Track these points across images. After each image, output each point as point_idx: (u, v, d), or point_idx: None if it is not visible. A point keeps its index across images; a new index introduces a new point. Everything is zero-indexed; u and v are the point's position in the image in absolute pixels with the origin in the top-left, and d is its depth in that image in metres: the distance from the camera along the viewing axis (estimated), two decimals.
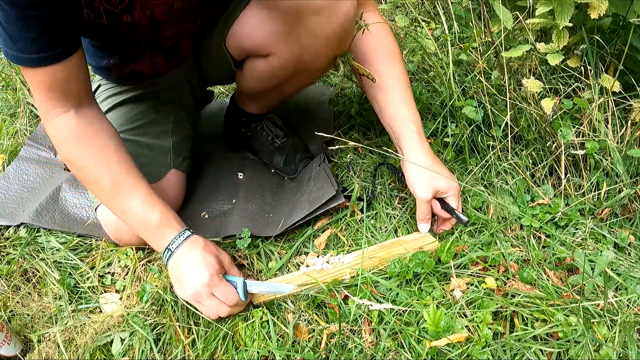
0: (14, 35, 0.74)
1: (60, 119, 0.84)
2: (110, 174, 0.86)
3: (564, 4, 0.96)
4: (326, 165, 1.12)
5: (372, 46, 1.00)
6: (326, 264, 0.91)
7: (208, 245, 0.87)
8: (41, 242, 1.07)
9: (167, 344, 0.87)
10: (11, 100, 1.67)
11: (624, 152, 0.99)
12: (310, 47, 0.91)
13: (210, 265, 0.83)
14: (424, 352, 0.76)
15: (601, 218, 0.97)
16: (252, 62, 1.03)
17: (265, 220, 1.06)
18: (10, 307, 0.94)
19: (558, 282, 0.87)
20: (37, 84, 0.81)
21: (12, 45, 0.75)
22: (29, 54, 0.76)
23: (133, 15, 0.87)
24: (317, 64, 0.97)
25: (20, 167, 1.33)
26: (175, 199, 1.07)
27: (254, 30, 0.96)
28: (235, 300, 0.83)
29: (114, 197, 0.88)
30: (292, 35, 0.90)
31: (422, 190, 0.93)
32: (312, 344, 0.82)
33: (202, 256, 0.84)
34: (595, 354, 0.74)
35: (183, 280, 0.84)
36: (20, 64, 0.78)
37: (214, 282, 0.82)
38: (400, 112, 0.99)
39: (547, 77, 1.13)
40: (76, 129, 0.85)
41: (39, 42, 0.75)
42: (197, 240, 0.87)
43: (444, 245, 0.90)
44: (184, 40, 1.05)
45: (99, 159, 0.86)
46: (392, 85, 0.99)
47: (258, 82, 1.06)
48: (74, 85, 0.82)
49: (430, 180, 0.92)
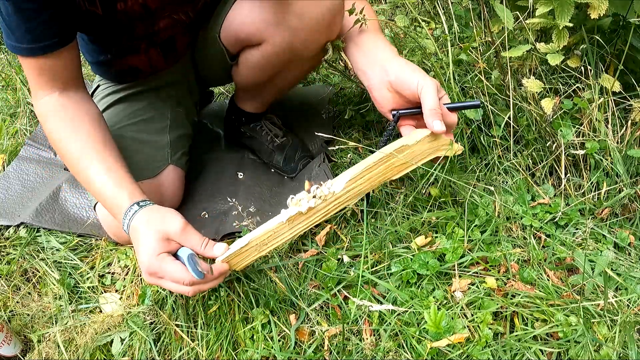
0: (12, 25, 0.80)
1: (46, 99, 0.89)
2: (77, 144, 0.87)
3: (564, 4, 0.96)
4: (326, 165, 1.12)
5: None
6: (313, 199, 0.76)
7: (149, 221, 0.78)
8: (41, 242, 1.07)
9: (167, 344, 0.87)
10: (11, 100, 1.67)
11: (624, 152, 0.99)
12: (300, 32, 0.93)
13: (147, 248, 0.75)
14: (424, 352, 0.76)
15: (601, 218, 0.97)
16: (246, 53, 1.05)
17: (264, 219, 1.06)
18: (10, 307, 0.94)
19: (558, 282, 0.87)
20: (30, 70, 0.86)
21: (11, 35, 0.81)
22: (25, 44, 0.82)
23: (126, 3, 0.90)
24: (308, 50, 0.98)
25: (21, 167, 1.33)
26: (173, 195, 1.07)
27: (246, 19, 0.99)
28: (187, 279, 0.73)
29: (78, 168, 0.88)
30: (282, 22, 0.93)
31: (427, 78, 0.79)
32: (315, 346, 0.81)
33: (140, 238, 0.77)
34: (595, 354, 0.74)
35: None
36: (17, 53, 0.84)
37: (154, 267, 0.74)
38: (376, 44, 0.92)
39: (547, 77, 1.13)
40: (56, 106, 0.89)
41: (35, 33, 0.81)
42: (139, 217, 0.79)
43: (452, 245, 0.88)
44: (179, 35, 1.06)
45: (71, 132, 0.88)
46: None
47: (253, 73, 1.08)
48: (63, 72, 0.88)
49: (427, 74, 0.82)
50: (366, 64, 0.92)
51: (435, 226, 0.98)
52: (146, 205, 0.81)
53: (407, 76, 0.83)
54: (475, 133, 1.09)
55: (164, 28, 1.01)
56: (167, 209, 0.81)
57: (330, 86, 1.53)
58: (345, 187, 0.76)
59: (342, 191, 0.77)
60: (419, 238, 0.94)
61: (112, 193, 0.83)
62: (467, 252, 0.91)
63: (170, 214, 0.79)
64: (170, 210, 0.80)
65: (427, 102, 0.80)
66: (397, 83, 0.84)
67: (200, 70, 1.22)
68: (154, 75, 1.12)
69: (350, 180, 0.76)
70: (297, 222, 0.78)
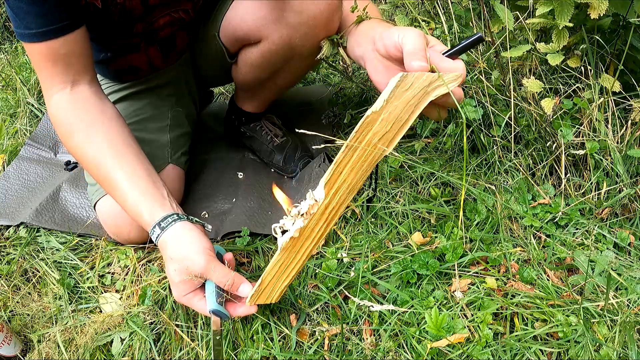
0: (21, 13, 0.79)
1: (59, 95, 0.87)
2: (93, 147, 0.86)
3: (564, 4, 0.96)
4: (326, 165, 1.12)
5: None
6: (301, 218, 0.66)
7: (173, 250, 0.78)
8: (41, 242, 1.07)
9: (167, 344, 0.87)
10: (11, 100, 1.67)
11: (624, 152, 0.99)
12: (299, 29, 0.93)
13: (174, 286, 0.79)
14: (424, 352, 0.76)
15: (601, 218, 0.97)
16: (246, 51, 1.05)
17: (264, 217, 1.06)
18: (10, 307, 0.94)
19: (558, 282, 0.87)
20: (42, 59, 0.84)
21: (19, 23, 0.80)
22: (35, 28, 0.80)
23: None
24: (307, 47, 0.98)
25: (21, 167, 1.33)
26: (173, 194, 1.07)
27: (244, 17, 0.99)
28: (207, 313, 0.76)
29: (99, 176, 0.87)
30: (280, 19, 0.93)
31: (410, 29, 0.70)
32: (315, 347, 0.81)
33: (170, 264, 0.78)
34: (595, 354, 0.74)
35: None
36: (29, 41, 0.82)
37: (183, 302, 0.79)
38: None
39: (547, 77, 1.13)
40: (70, 103, 0.87)
41: (46, 17, 0.80)
42: (167, 237, 0.79)
43: (452, 244, 0.88)
44: (179, 33, 1.06)
45: (86, 133, 0.86)
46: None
47: (252, 71, 1.08)
48: (77, 60, 0.86)
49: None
50: (359, 44, 0.86)
51: (435, 226, 0.98)
52: (173, 224, 0.80)
53: (391, 34, 0.73)
54: (475, 133, 1.09)
55: (164, 26, 1.01)
56: (190, 247, 0.78)
57: (330, 86, 1.53)
58: (327, 191, 0.65)
59: (327, 197, 0.66)
60: (415, 234, 0.94)
61: (136, 202, 0.83)
62: (466, 251, 0.91)
63: (193, 255, 0.77)
64: (193, 250, 0.77)
65: (405, 47, 0.69)
66: (383, 46, 0.75)
67: (200, 69, 1.22)
68: (154, 75, 1.12)
69: (326, 184, 0.65)
70: (300, 244, 0.71)
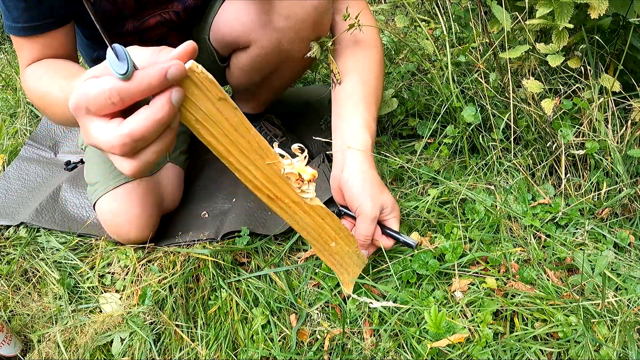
0: (10, 5, 0.80)
1: (31, 65, 0.86)
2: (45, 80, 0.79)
3: (563, 5, 0.96)
4: (325, 165, 1.12)
5: (344, 36, 0.95)
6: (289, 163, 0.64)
7: None
8: (41, 242, 1.07)
9: (167, 344, 0.87)
10: (11, 100, 1.67)
11: (624, 152, 0.99)
12: (287, 32, 0.92)
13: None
14: (424, 352, 0.76)
15: (601, 218, 0.97)
16: (236, 55, 1.04)
17: (264, 217, 1.06)
18: (10, 307, 0.94)
19: (558, 282, 0.87)
20: (23, 49, 0.85)
21: (8, 16, 0.82)
22: (21, 23, 0.81)
23: None
24: (298, 50, 0.96)
25: (21, 167, 1.33)
26: (172, 193, 1.07)
27: (232, 21, 0.98)
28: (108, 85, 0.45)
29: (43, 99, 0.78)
30: (268, 23, 0.92)
31: (368, 205, 0.80)
32: (315, 347, 0.81)
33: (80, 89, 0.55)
34: (595, 354, 0.74)
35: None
36: (14, 34, 0.83)
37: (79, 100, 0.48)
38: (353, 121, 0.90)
39: (547, 78, 1.13)
40: (38, 64, 0.85)
41: (31, 12, 0.80)
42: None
43: (452, 245, 0.88)
44: (170, 35, 1.06)
45: (45, 72, 0.82)
46: (351, 89, 0.93)
47: (245, 75, 1.07)
48: (58, 50, 0.86)
49: (378, 195, 0.82)
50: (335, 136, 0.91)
51: (435, 226, 0.98)
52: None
53: (355, 191, 0.82)
54: (474, 134, 1.10)
55: (155, 26, 1.01)
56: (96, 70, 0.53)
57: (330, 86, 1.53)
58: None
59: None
60: (414, 234, 0.94)
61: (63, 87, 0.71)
62: (466, 251, 0.91)
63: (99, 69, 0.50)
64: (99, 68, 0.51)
65: (357, 230, 0.82)
66: (350, 198, 0.83)
67: None
68: None
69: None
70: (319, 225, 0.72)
